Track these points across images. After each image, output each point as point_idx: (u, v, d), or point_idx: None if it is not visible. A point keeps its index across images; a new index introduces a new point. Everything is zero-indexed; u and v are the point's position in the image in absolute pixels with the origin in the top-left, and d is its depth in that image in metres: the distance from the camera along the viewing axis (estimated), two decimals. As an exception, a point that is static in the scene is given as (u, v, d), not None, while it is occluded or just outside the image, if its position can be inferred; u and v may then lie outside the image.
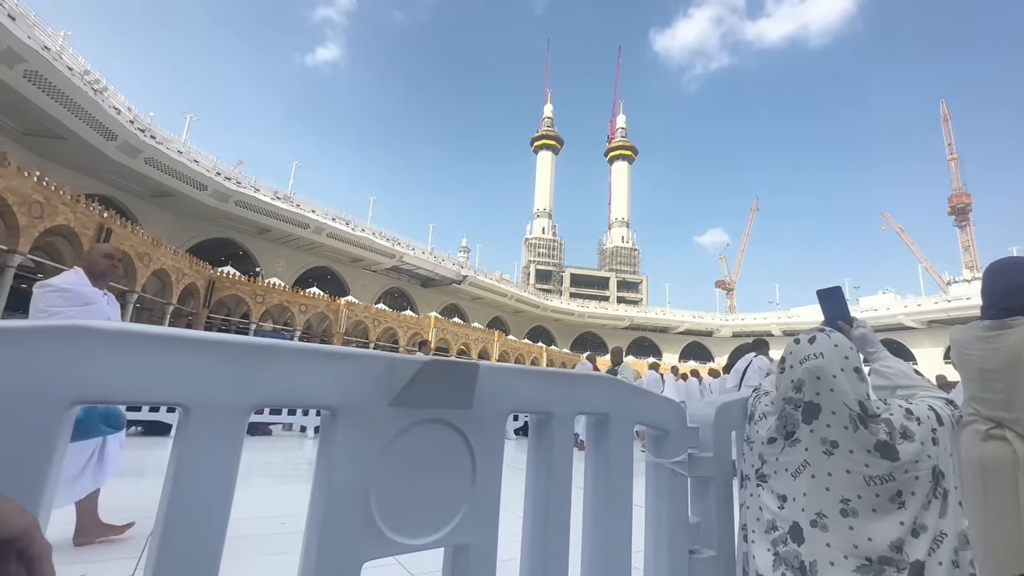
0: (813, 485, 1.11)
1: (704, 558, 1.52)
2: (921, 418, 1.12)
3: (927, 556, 1.00)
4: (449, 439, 1.02)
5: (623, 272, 72.04)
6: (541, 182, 77.72)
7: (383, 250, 38.72)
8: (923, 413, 1.14)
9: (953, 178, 55.70)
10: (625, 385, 1.39)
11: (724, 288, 68.05)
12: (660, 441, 1.52)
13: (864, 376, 1.15)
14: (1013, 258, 1.92)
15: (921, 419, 1.12)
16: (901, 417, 1.10)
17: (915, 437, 1.08)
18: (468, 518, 1.02)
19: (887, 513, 1.03)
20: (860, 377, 1.13)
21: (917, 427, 1.09)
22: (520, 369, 1.15)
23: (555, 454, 1.21)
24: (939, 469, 1.08)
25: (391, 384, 0.94)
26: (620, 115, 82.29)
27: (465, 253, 66.89)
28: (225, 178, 30.37)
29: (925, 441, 1.09)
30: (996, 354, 1.81)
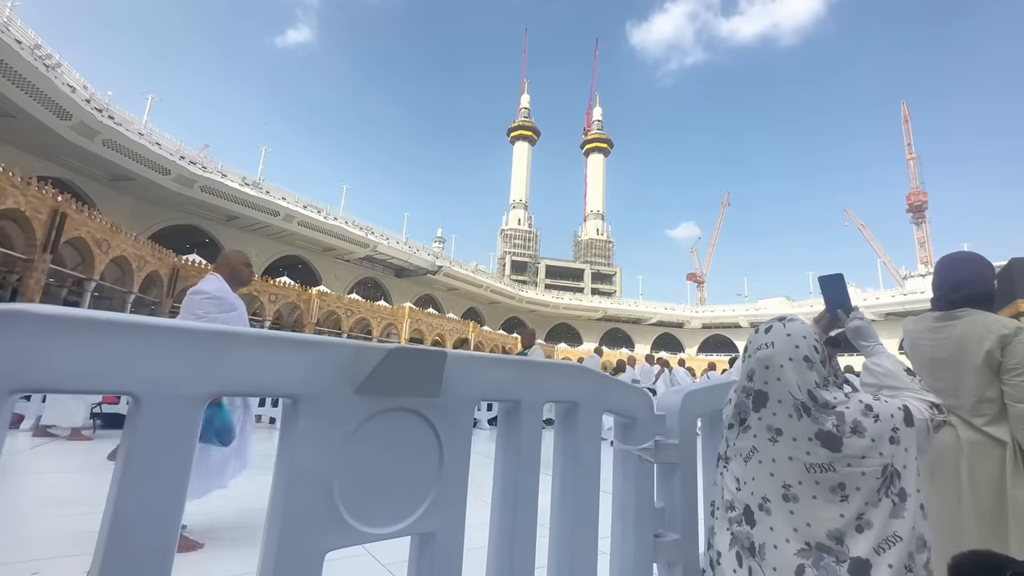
0: (760, 470, 1.14)
1: (668, 541, 1.56)
2: (881, 416, 1.08)
3: (873, 555, 0.99)
4: (416, 427, 1.02)
5: (598, 264, 72.78)
6: (517, 173, 77.53)
7: (356, 239, 38.04)
8: (886, 411, 1.09)
9: (911, 177, 58.22)
10: (593, 374, 1.41)
11: (695, 280, 69.57)
12: (628, 428, 1.55)
13: (815, 365, 1.13)
14: (960, 253, 2.02)
15: (881, 417, 1.08)
16: (857, 412, 1.08)
17: (866, 433, 1.05)
18: (435, 506, 1.02)
19: (827, 503, 1.04)
20: (809, 366, 1.12)
21: (872, 424, 1.07)
22: (488, 358, 1.15)
23: (523, 441, 1.21)
24: (893, 469, 1.05)
25: (356, 372, 0.92)
26: (596, 107, 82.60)
27: (440, 243, 66.39)
28: (190, 162, 29.21)
29: (878, 439, 1.06)
30: (944, 344, 1.91)
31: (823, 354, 1.15)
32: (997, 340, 1.77)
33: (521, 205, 75.26)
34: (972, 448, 1.80)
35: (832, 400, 1.10)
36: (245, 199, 31.85)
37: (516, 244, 72.17)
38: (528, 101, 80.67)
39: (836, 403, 1.10)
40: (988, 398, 1.80)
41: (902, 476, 1.05)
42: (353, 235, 37.64)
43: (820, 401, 1.10)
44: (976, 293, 1.89)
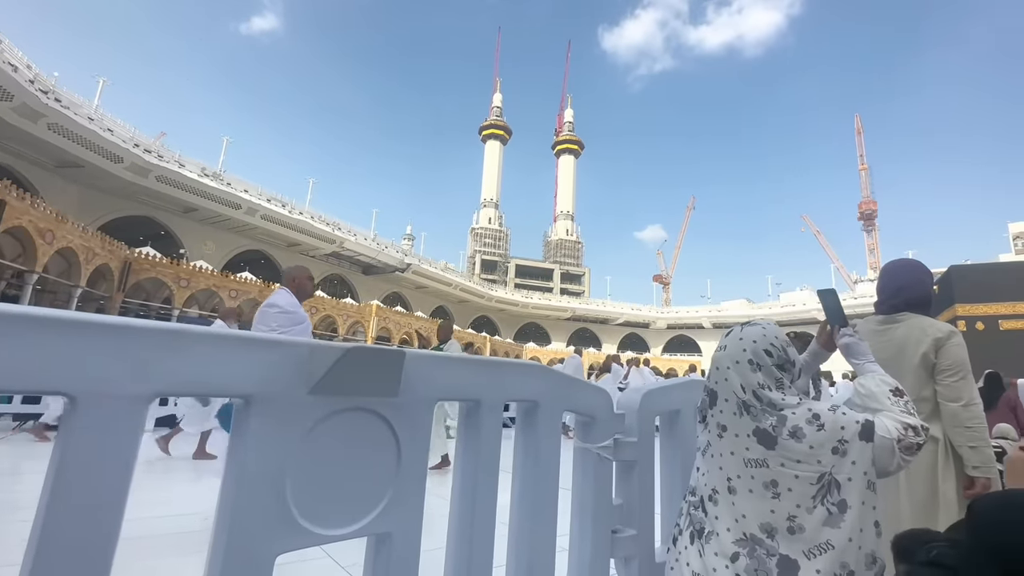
0: (712, 463, 1.20)
1: (625, 537, 1.60)
2: (827, 426, 1.08)
3: (802, 557, 1.02)
4: (373, 427, 1.01)
5: (567, 264, 73.42)
6: (489, 172, 77.35)
7: (322, 235, 37.11)
8: (836, 423, 1.09)
9: (863, 187, 61.25)
10: (556, 373, 1.42)
11: (661, 282, 71.13)
12: (588, 427, 1.57)
13: (764, 368, 1.17)
14: (902, 260, 2.14)
15: (827, 427, 1.08)
16: (801, 419, 1.10)
17: (804, 440, 1.08)
18: (391, 506, 1.01)
19: (761, 498, 1.09)
20: (754, 369, 1.16)
21: (814, 432, 1.08)
22: (448, 357, 1.15)
23: (483, 441, 1.22)
24: (832, 478, 1.06)
25: (312, 371, 0.91)
26: (568, 109, 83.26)
27: (410, 241, 65.52)
28: (145, 150, 27.81)
29: (818, 447, 1.07)
30: (887, 345, 2.02)
31: (780, 359, 1.19)
32: (932, 343, 1.89)
33: (492, 204, 75.15)
34: (908, 444, 1.92)
35: (779, 402, 1.13)
36: (204, 190, 30.56)
37: (486, 243, 72.02)
38: (500, 100, 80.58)
39: (783, 406, 1.13)
40: (924, 397, 1.92)
41: (843, 487, 1.05)
42: (319, 230, 36.71)
43: (765, 401, 1.14)
44: (915, 298, 2.01)
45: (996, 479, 1.85)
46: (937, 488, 1.86)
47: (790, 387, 1.19)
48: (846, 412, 1.12)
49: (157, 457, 5.19)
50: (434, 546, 1.30)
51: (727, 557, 1.09)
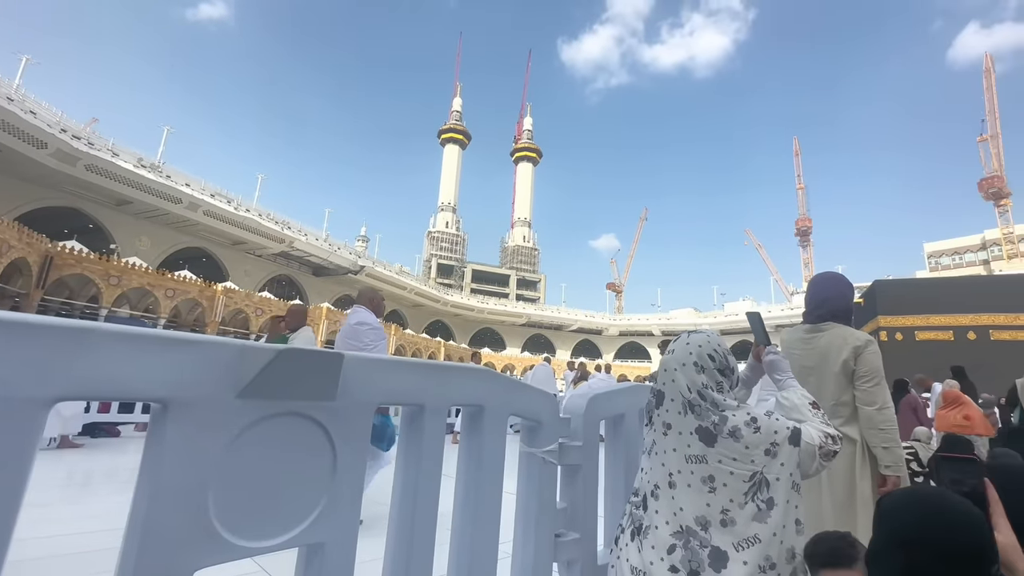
0: (655, 461, 1.25)
1: (568, 541, 1.61)
2: (763, 429, 1.16)
3: (732, 549, 1.09)
4: (307, 432, 0.97)
5: (523, 271, 73.94)
6: (447, 175, 76.87)
7: (271, 233, 35.56)
8: (770, 427, 1.17)
9: (800, 205, 65.44)
10: (501, 377, 1.42)
11: (614, 290, 72.87)
12: (533, 431, 1.58)
13: (708, 371, 1.24)
14: (826, 274, 2.30)
15: (762, 430, 1.16)
16: (740, 421, 1.18)
17: (741, 440, 1.15)
18: (325, 515, 0.97)
19: (698, 492, 1.15)
20: (699, 371, 1.23)
21: (751, 434, 1.15)
22: (390, 360, 1.12)
23: (425, 447, 1.20)
24: (763, 477, 1.13)
25: (240, 374, 0.86)
26: (527, 117, 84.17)
27: (364, 242, 63.97)
28: (73, 136, 25.73)
29: (752, 447, 1.14)
30: (812, 353, 2.16)
31: (721, 364, 1.26)
32: (851, 351, 2.03)
33: (449, 208, 74.67)
34: (831, 445, 2.06)
35: (721, 402, 1.21)
36: (141, 182, 28.62)
37: (443, 247, 71.41)
38: (460, 105, 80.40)
39: (725, 407, 1.21)
40: (844, 402, 2.06)
41: (771, 486, 1.14)
42: (267, 229, 35.16)
43: (709, 400, 1.21)
44: (837, 309, 2.16)
45: (906, 477, 2.01)
46: (855, 486, 1.99)
47: (729, 392, 1.26)
48: (779, 419, 1.21)
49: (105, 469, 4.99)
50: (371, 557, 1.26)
51: (664, 549, 1.14)
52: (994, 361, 11.32)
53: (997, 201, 49.03)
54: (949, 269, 51.93)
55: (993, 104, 50.27)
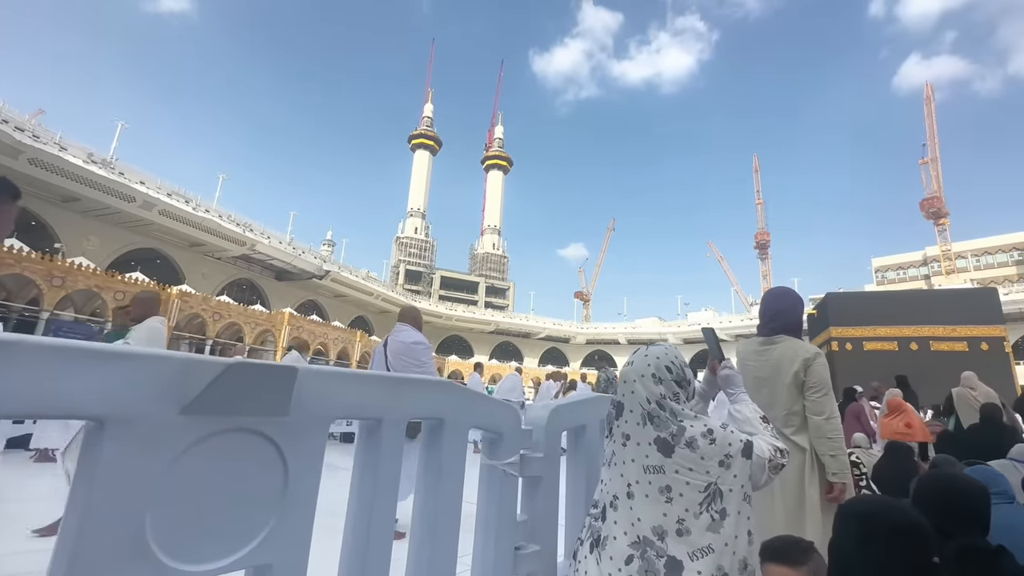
0: (615, 472, 1.27)
1: (528, 553, 1.61)
2: (718, 441, 1.19)
3: (687, 559, 1.12)
4: (257, 449, 0.93)
5: (492, 278, 73.89)
6: (417, 181, 76.25)
7: (232, 236, 34.29)
8: (725, 439, 1.20)
9: (759, 219, 68.08)
10: (462, 390, 1.41)
11: (582, 299, 73.72)
12: (494, 444, 1.57)
13: (665, 382, 1.27)
14: (778, 288, 2.40)
15: (717, 441, 1.19)
16: (696, 432, 1.21)
17: (697, 450, 1.18)
18: (275, 535, 0.94)
19: (655, 502, 1.18)
20: (656, 382, 1.26)
21: (707, 445, 1.18)
22: (348, 373, 1.10)
23: (383, 461, 1.17)
24: (717, 488, 1.17)
25: (185, 389, 0.83)
26: (499, 126, 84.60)
27: (330, 247, 62.63)
28: (16, 128, 24.22)
29: (708, 458, 1.18)
30: (765, 364, 2.24)
31: (678, 376, 1.29)
32: (802, 363, 2.12)
33: (419, 214, 74.02)
34: (783, 454, 2.14)
35: (679, 412, 1.24)
36: (91, 179, 27.13)
37: (412, 253, 70.62)
38: (431, 111, 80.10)
39: (683, 416, 1.24)
40: (795, 411, 2.14)
41: (725, 497, 1.17)
42: (227, 231, 33.90)
43: (668, 409, 1.24)
44: (789, 322, 2.26)
45: (851, 484, 2.10)
46: (805, 493, 2.07)
47: (686, 402, 1.29)
48: (733, 431, 1.25)
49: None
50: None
51: (622, 560, 1.15)
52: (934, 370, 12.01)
53: (937, 220, 52.41)
54: (894, 283, 55.15)
55: (933, 130, 53.87)
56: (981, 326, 15.04)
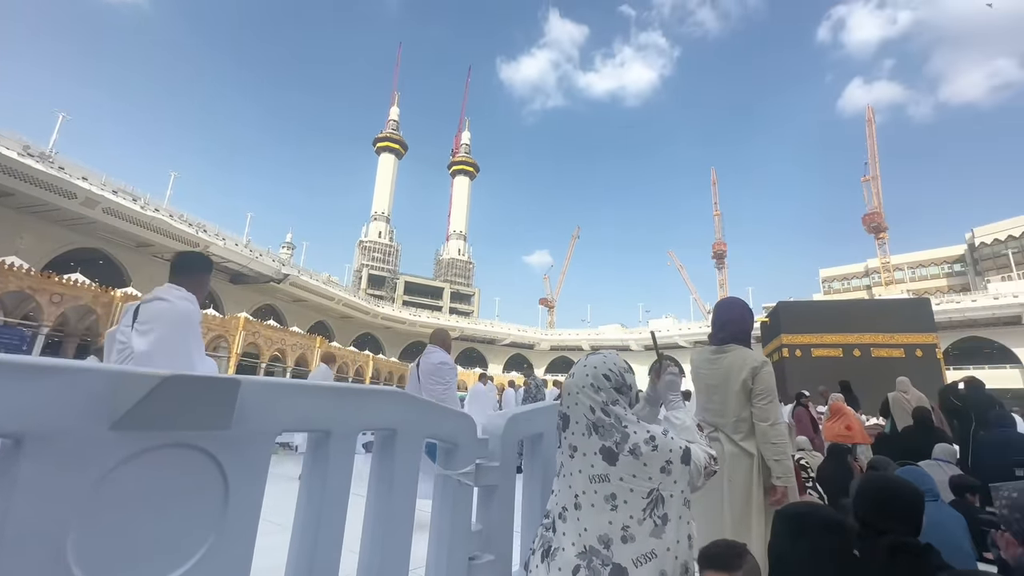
0: (563, 483, 1.28)
1: (483, 563, 1.60)
2: (659, 447, 1.22)
3: (632, 565, 1.14)
4: (195, 465, 0.90)
5: (457, 284, 73.46)
6: (381, 184, 75.11)
7: (183, 236, 32.71)
8: (666, 446, 1.23)
9: (716, 230, 70.68)
10: (416, 400, 1.40)
11: (546, 305, 74.28)
12: (450, 454, 1.56)
13: (604, 391, 1.29)
14: (729, 299, 2.50)
15: (659, 448, 1.22)
16: (640, 439, 1.24)
17: (640, 457, 1.21)
18: (212, 555, 0.90)
19: (601, 511, 1.20)
20: (595, 391, 1.28)
21: (650, 451, 1.22)
22: (295, 384, 1.07)
23: (331, 475, 1.15)
24: (659, 494, 1.19)
25: (115, 403, 0.78)
26: (466, 131, 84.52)
27: (289, 249, 60.72)
28: (-60, 116, 22.37)
29: (650, 464, 1.20)
30: (716, 372, 2.32)
31: (617, 383, 1.31)
32: (750, 371, 2.22)
33: (383, 218, 72.87)
34: (732, 459, 2.21)
35: (623, 417, 1.26)
36: (26, 172, 25.34)
37: (375, 257, 69.37)
38: (397, 114, 79.20)
39: (627, 422, 1.26)
40: (743, 418, 2.23)
41: (666, 502, 1.20)
42: (178, 231, 32.32)
43: (613, 416, 1.25)
44: (738, 332, 2.36)
45: (795, 487, 2.20)
46: (752, 496, 2.16)
47: (627, 409, 1.31)
48: (673, 438, 1.28)
49: None
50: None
51: (569, 570, 1.16)
52: (874, 376, 12.76)
53: (877, 234, 55.90)
54: (839, 293, 58.33)
55: (874, 150, 57.52)
56: (916, 334, 16.12)
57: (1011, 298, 37.36)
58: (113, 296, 24.69)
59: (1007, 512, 1.33)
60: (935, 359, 15.91)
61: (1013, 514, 1.32)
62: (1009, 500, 1.34)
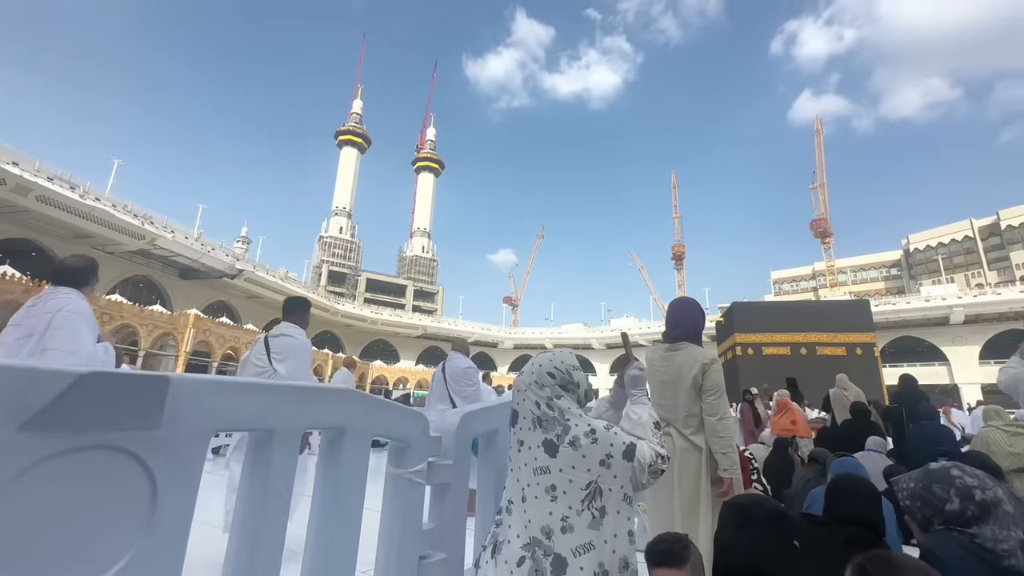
0: (512, 477, 1.29)
1: (434, 562, 1.59)
2: (600, 441, 1.24)
3: (571, 555, 1.16)
4: (118, 468, 0.84)
5: (421, 281, 72.57)
6: (343, 179, 73.20)
7: (127, 228, 30.80)
8: (607, 440, 1.24)
9: (676, 232, 72.79)
10: (365, 397, 1.37)
11: (511, 304, 74.48)
12: (401, 452, 1.54)
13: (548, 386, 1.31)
14: (682, 299, 2.58)
15: (599, 441, 1.24)
16: (581, 432, 1.25)
17: (580, 449, 1.23)
18: (138, 561, 0.85)
19: (543, 502, 1.22)
20: (540, 387, 1.31)
21: (590, 444, 1.24)
22: (235, 382, 1.03)
23: (273, 476, 1.11)
24: (597, 487, 1.21)
25: (24, 403, 0.73)
26: (431, 127, 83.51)
27: (244, 244, 58.42)
28: None
29: (589, 456, 1.21)
30: (669, 369, 2.39)
31: (563, 380, 1.33)
32: (700, 368, 2.29)
33: (344, 213, 71.08)
34: (682, 453, 2.28)
35: (566, 410, 1.28)
36: (-54, 156, 23.30)
37: (336, 253, 67.58)
38: (361, 107, 77.36)
39: (569, 416, 1.28)
40: (693, 413, 2.30)
41: (604, 495, 1.22)
42: (121, 222, 30.39)
43: (556, 409, 1.27)
44: (689, 330, 2.43)
45: (740, 480, 2.29)
46: (700, 489, 2.23)
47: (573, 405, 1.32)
48: (618, 432, 1.29)
49: None
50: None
51: (515, 562, 1.18)
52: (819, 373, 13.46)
53: (823, 239, 59.04)
54: (789, 294, 61.36)
55: (821, 159, 60.64)
56: (856, 333, 17.12)
57: (940, 300, 40.28)
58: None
59: (909, 503, 1.44)
60: (873, 357, 16.95)
61: (914, 503, 1.42)
62: (909, 491, 1.45)
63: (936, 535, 1.38)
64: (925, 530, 1.42)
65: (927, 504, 1.40)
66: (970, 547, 1.30)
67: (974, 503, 1.33)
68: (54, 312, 2.30)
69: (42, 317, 2.30)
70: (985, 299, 38.72)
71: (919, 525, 1.43)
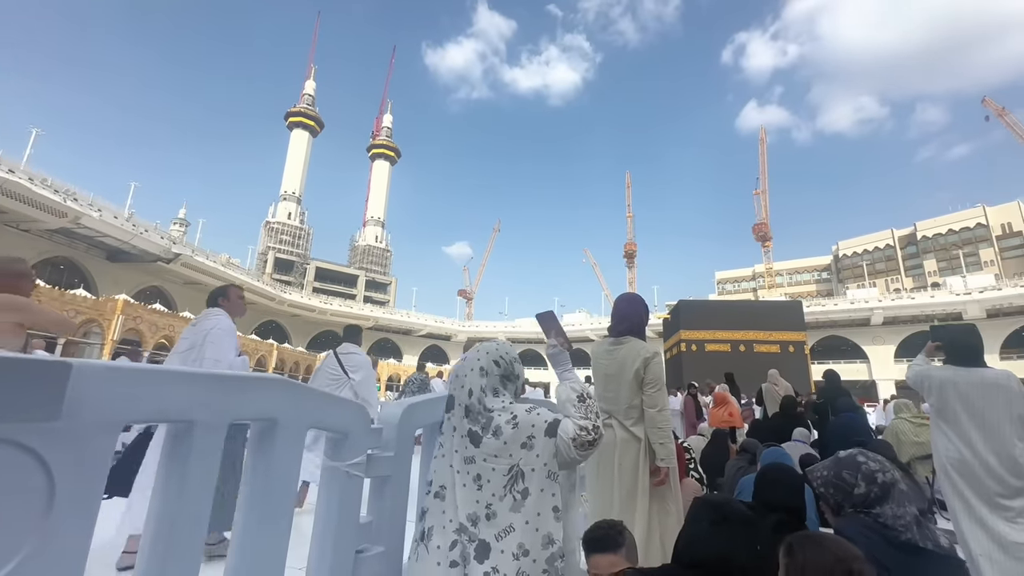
0: (443, 463, 1.31)
1: (371, 555, 1.55)
2: (520, 424, 1.25)
3: (494, 540, 1.18)
4: (8, 463, 0.76)
5: (373, 272, 70.83)
6: (292, 162, 70.07)
7: (45, 204, 28.14)
8: (528, 422, 1.25)
9: (628, 231, 74.82)
10: (299, 387, 1.31)
11: (465, 297, 74.15)
12: (339, 444, 1.49)
13: (490, 374, 1.33)
14: (627, 295, 2.65)
15: (520, 425, 1.25)
16: (503, 420, 1.27)
17: (501, 436, 1.24)
18: (29, 564, 0.77)
19: (470, 490, 1.24)
20: (482, 375, 1.33)
21: (510, 430, 1.25)
22: (146, 369, 0.95)
23: (192, 472, 1.04)
24: (519, 470, 1.22)
25: None
26: (387, 114, 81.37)
27: (182, 226, 54.79)
28: None
29: (511, 442, 1.24)
30: (612, 363, 2.45)
31: (505, 370, 1.35)
32: (642, 361, 2.36)
33: (293, 198, 68.12)
34: (622, 444, 2.35)
35: (491, 406, 1.30)
36: None
37: (283, 240, 64.73)
38: (313, 88, 74.19)
39: (493, 409, 1.29)
40: (634, 405, 2.38)
41: (527, 476, 1.23)
42: (39, 197, 27.73)
43: (483, 405, 1.30)
44: (633, 325, 2.50)
45: (676, 469, 2.39)
46: (639, 478, 2.31)
47: (514, 396, 1.37)
48: (540, 412, 1.29)
49: None
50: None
51: (447, 548, 1.20)
52: (755, 368, 14.28)
53: (764, 243, 62.54)
54: (731, 294, 64.63)
55: (764, 167, 64.10)
56: (789, 332, 18.28)
57: (863, 303, 43.71)
58: None
59: (823, 490, 1.57)
60: (803, 355, 18.17)
61: (828, 489, 1.56)
62: (822, 479, 1.59)
63: (846, 518, 1.50)
64: (837, 514, 1.53)
65: (839, 490, 1.52)
66: (874, 526, 1.42)
67: (877, 485, 1.46)
68: (208, 330, 3.00)
69: (199, 334, 3.00)
70: (901, 303, 42.36)
71: (831, 510, 1.55)
